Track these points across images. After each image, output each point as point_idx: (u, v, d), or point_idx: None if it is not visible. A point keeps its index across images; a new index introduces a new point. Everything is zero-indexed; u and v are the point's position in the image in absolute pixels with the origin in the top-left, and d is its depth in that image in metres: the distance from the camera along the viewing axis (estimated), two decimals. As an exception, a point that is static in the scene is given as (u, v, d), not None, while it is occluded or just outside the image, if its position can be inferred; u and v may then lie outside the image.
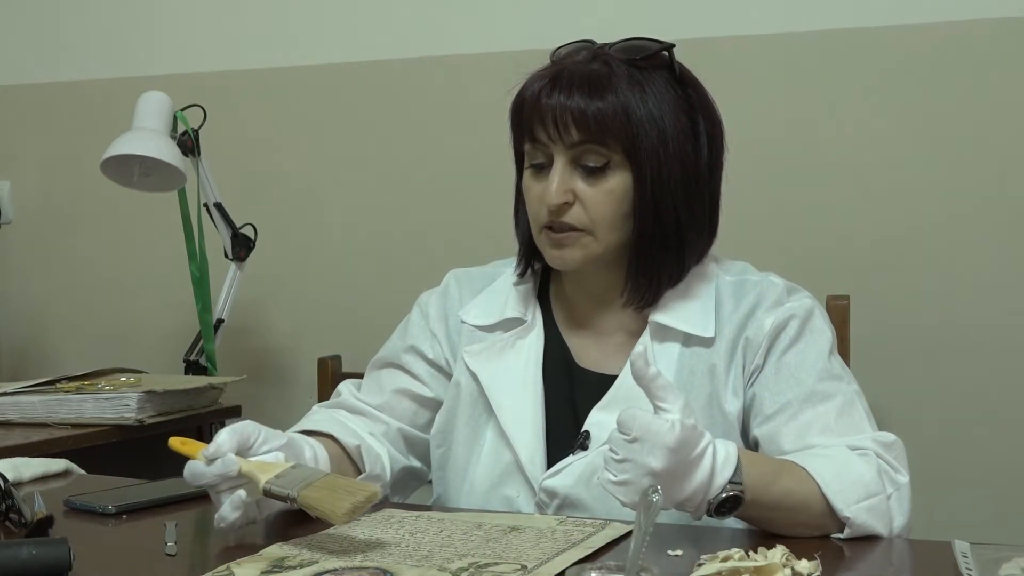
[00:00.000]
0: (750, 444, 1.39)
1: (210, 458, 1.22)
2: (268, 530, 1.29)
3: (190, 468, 1.23)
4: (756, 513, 1.21)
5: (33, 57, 2.93)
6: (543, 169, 1.38)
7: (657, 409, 1.15)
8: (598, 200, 1.36)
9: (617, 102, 1.34)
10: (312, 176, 2.65)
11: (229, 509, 1.21)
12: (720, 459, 1.16)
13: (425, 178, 2.54)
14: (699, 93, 1.41)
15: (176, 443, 1.28)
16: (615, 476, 1.14)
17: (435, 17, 2.53)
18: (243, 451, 1.24)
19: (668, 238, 1.38)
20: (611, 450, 1.15)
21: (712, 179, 1.42)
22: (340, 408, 1.52)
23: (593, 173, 1.36)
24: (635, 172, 1.36)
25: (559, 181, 1.36)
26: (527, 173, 1.41)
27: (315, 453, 1.34)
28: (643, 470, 1.12)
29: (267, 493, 1.21)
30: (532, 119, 1.37)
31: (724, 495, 1.16)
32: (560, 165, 1.36)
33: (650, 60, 1.38)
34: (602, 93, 1.34)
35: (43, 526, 1.25)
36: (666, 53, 1.39)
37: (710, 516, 1.18)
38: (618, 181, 1.36)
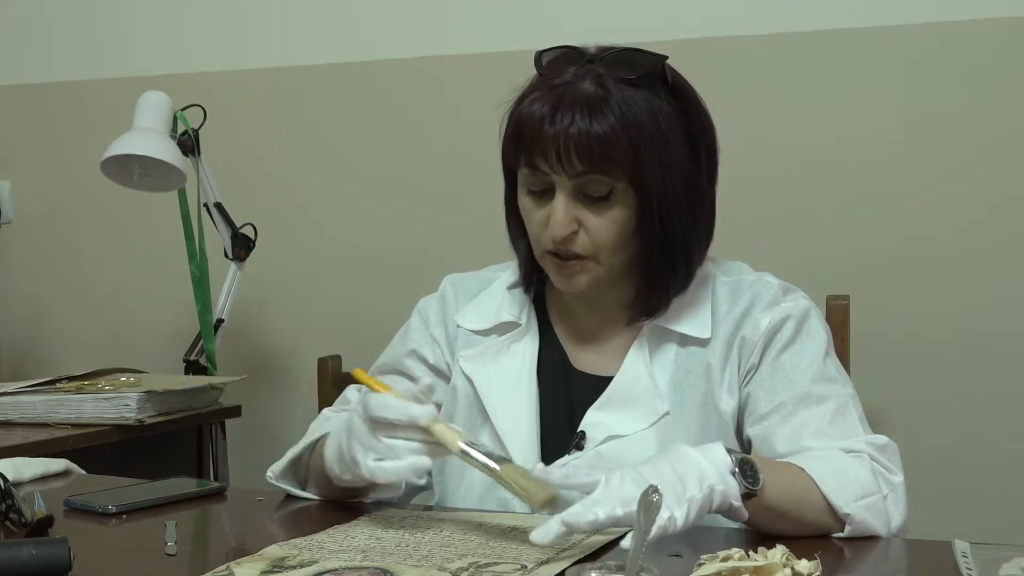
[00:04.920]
0: (743, 444, 1.39)
1: (423, 396, 1.22)
2: (268, 530, 1.29)
3: (384, 400, 1.21)
4: (761, 513, 1.19)
5: (33, 57, 2.93)
6: (542, 195, 1.36)
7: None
8: (603, 228, 1.34)
9: (619, 129, 1.31)
10: (312, 176, 2.65)
11: (410, 471, 1.20)
12: (700, 448, 1.16)
13: (425, 178, 2.54)
14: (693, 103, 1.39)
15: (361, 374, 1.29)
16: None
17: (434, 17, 2.53)
18: None
19: (676, 255, 1.38)
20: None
21: (711, 188, 1.42)
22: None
23: (597, 202, 1.34)
24: (641, 198, 1.34)
25: (564, 212, 1.33)
26: (527, 198, 1.38)
27: None
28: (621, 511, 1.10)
29: (466, 453, 1.20)
30: (532, 148, 1.33)
31: (735, 456, 1.16)
32: (563, 196, 1.33)
33: (645, 78, 1.34)
34: (603, 121, 1.30)
35: (43, 526, 1.25)
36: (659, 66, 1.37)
37: (742, 484, 1.15)
38: (623, 208, 1.34)
